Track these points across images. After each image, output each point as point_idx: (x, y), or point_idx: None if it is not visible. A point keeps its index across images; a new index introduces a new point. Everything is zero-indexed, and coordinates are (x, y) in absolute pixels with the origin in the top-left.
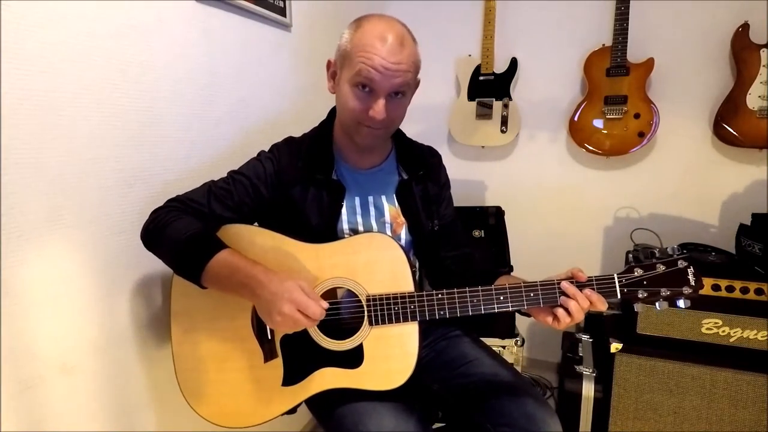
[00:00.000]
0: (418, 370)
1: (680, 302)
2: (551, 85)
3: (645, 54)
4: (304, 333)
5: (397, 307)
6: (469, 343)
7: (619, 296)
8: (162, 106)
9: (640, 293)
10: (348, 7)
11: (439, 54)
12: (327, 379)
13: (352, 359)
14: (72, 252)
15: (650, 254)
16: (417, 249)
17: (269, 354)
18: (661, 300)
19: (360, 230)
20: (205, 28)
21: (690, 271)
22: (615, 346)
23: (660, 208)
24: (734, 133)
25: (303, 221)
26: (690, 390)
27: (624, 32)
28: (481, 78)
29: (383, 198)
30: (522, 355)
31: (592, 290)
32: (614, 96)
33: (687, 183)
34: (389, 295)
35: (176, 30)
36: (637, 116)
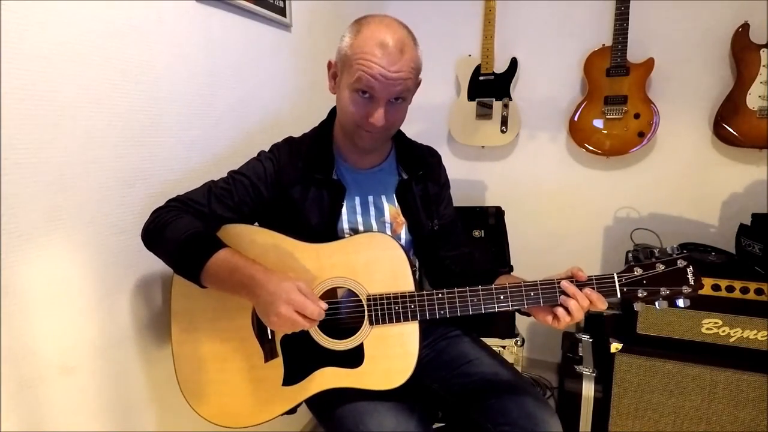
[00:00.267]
0: (418, 370)
1: (680, 301)
2: (551, 85)
3: (645, 54)
4: (305, 333)
5: (398, 307)
6: (469, 343)
7: (619, 295)
8: (162, 106)
9: (640, 292)
10: (348, 7)
11: (439, 54)
12: (327, 379)
13: (353, 359)
14: (72, 252)
15: (650, 254)
16: (417, 249)
17: (269, 354)
18: (661, 299)
19: (360, 230)
20: (205, 28)
21: (689, 271)
22: (615, 346)
23: (660, 208)
24: (734, 133)
25: (303, 221)
26: (690, 390)
27: (624, 32)
28: (481, 78)
29: (383, 198)
30: (522, 355)
31: (592, 289)
32: (614, 96)
33: (687, 183)
34: (389, 295)
35: (176, 30)
36: (637, 116)
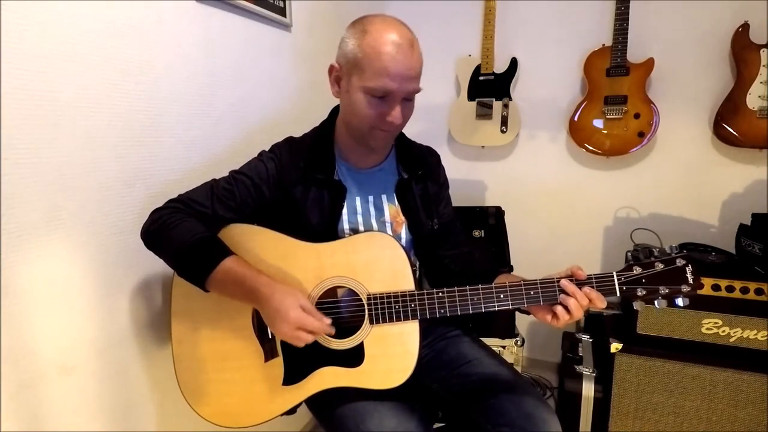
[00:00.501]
0: (418, 370)
1: (679, 300)
2: (551, 85)
3: (645, 54)
4: None
5: (398, 306)
6: (469, 343)
7: (618, 294)
8: (162, 106)
9: (639, 291)
10: (348, 7)
11: (439, 54)
12: (328, 378)
13: (353, 358)
14: (72, 252)
15: (649, 253)
16: (417, 248)
17: (270, 353)
18: (660, 298)
19: (360, 230)
20: (205, 28)
21: (688, 270)
22: (615, 346)
23: (660, 208)
24: (734, 133)
25: (303, 221)
26: (690, 390)
27: (624, 32)
28: (481, 78)
29: (383, 197)
30: (522, 355)
31: (592, 288)
32: (614, 96)
33: (687, 183)
34: (390, 294)
35: (176, 30)
36: (637, 116)
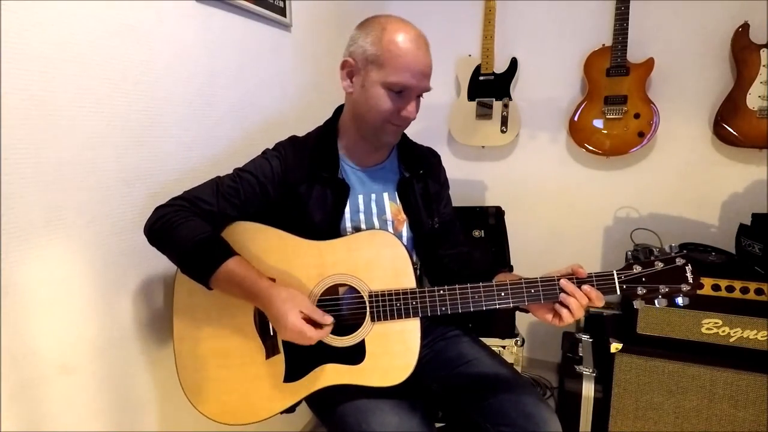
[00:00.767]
0: (418, 370)
1: (679, 299)
2: (551, 85)
3: (645, 54)
4: None
5: (399, 303)
6: (468, 343)
7: (618, 292)
8: (162, 106)
9: (639, 290)
10: (348, 7)
11: (439, 54)
12: (329, 376)
13: (354, 355)
14: (72, 252)
15: (649, 253)
16: (417, 247)
17: (271, 350)
18: (660, 297)
19: (363, 228)
20: (205, 28)
21: (688, 269)
22: (615, 346)
23: (660, 208)
24: (734, 133)
25: (307, 219)
26: (690, 390)
27: (624, 32)
28: (481, 78)
29: (385, 195)
30: (522, 355)
31: (591, 287)
32: (614, 96)
33: (687, 183)
34: (391, 292)
35: (176, 30)
36: (637, 116)
